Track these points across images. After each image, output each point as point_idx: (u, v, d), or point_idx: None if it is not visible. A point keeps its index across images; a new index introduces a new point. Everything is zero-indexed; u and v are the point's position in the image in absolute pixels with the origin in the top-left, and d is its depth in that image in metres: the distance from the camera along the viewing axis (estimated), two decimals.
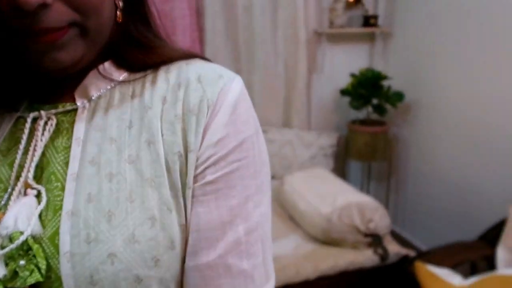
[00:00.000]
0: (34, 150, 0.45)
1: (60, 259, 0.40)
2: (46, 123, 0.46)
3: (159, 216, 0.42)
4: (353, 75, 2.35)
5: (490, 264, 1.54)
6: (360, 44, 2.58)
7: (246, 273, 0.43)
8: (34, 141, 0.45)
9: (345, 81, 2.43)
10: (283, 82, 2.48)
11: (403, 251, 1.72)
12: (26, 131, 0.45)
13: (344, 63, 2.53)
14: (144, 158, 0.43)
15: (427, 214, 2.37)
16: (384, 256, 1.69)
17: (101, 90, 0.47)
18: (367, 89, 2.28)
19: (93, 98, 0.46)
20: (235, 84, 0.46)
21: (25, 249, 0.41)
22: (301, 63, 2.45)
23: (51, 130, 0.45)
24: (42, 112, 0.46)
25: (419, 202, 2.43)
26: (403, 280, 1.54)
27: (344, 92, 2.38)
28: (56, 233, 0.41)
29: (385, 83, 2.31)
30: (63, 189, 0.43)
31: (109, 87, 0.47)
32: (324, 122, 2.60)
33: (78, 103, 0.46)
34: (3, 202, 0.43)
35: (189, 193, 0.43)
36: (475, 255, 1.56)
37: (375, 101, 2.34)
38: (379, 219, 1.73)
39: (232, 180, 0.43)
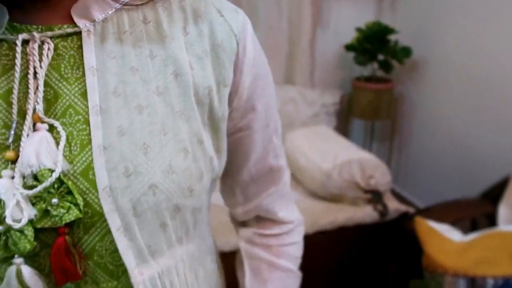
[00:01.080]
0: (36, 78, 0.40)
1: (99, 194, 0.39)
2: (40, 47, 0.40)
3: (190, 148, 0.43)
4: (359, 29, 2.26)
5: (491, 221, 1.52)
6: None
7: (281, 168, 0.55)
8: (31, 68, 0.39)
9: (351, 36, 2.34)
10: (286, 38, 2.39)
11: (403, 208, 1.71)
12: (18, 56, 0.39)
13: (350, 17, 2.43)
14: (172, 91, 0.42)
15: (429, 175, 2.34)
16: (383, 212, 1.68)
17: (106, 12, 0.41)
18: (373, 43, 2.19)
19: (97, 20, 0.41)
20: (245, 16, 0.47)
21: (56, 187, 0.38)
22: (305, 17, 2.36)
23: (50, 55, 0.40)
24: (36, 34, 0.40)
25: (422, 162, 2.40)
26: (402, 236, 1.54)
27: (349, 47, 2.30)
28: (89, 168, 0.40)
29: (392, 38, 2.22)
30: (86, 122, 0.40)
31: (113, 9, 0.42)
32: (327, 79, 2.53)
33: (80, 25, 0.41)
34: (10, 140, 0.39)
35: (223, 125, 0.46)
36: (476, 212, 1.54)
37: (381, 57, 2.26)
38: (380, 175, 1.70)
39: (266, 108, 0.49)
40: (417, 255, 1.41)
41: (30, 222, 0.38)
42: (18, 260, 0.39)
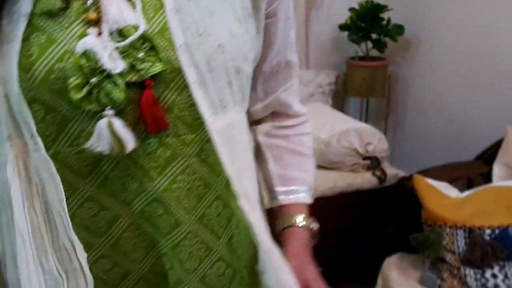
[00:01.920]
0: None
1: (177, 51, 0.43)
2: None
3: (243, 19, 0.49)
4: (352, 9, 2.31)
5: (486, 180, 1.57)
6: None
7: (296, 64, 0.61)
8: None
9: (344, 17, 2.39)
10: None
11: (401, 173, 1.75)
12: None
13: None
14: None
15: (424, 153, 2.39)
16: (382, 178, 1.72)
17: None
18: (367, 22, 2.24)
19: None
20: None
21: (140, 43, 0.42)
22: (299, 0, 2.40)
23: None
24: None
25: (417, 141, 2.45)
26: (400, 197, 1.57)
27: (342, 27, 2.35)
28: (165, 28, 0.44)
29: (385, 16, 2.28)
30: None
31: None
32: (322, 60, 2.58)
33: None
34: (89, 1, 0.43)
35: (263, 5, 0.51)
36: (472, 172, 1.59)
37: (374, 36, 2.31)
38: (377, 142, 1.74)
39: (287, 1, 0.56)
40: (416, 214, 1.44)
41: (120, 75, 0.41)
42: (109, 112, 0.42)
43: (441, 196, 1.42)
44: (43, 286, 0.44)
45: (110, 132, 0.42)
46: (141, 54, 0.42)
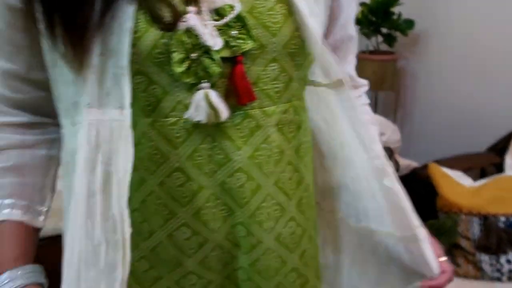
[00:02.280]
0: None
1: (259, 29, 0.47)
2: None
3: None
4: (363, 4, 2.34)
5: (498, 170, 1.60)
6: None
7: (356, 38, 0.66)
8: None
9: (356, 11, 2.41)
10: None
11: (414, 163, 1.78)
12: None
13: None
14: None
15: (434, 145, 2.41)
16: (395, 168, 1.74)
17: None
18: (378, 16, 2.27)
19: None
20: None
21: (234, 21, 0.46)
22: None
23: None
24: None
25: (426, 134, 2.47)
26: (415, 186, 1.60)
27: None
28: (254, 7, 0.48)
29: (396, 10, 2.30)
30: None
31: None
32: None
33: None
34: None
35: None
36: (485, 163, 1.62)
37: (384, 30, 2.34)
38: (390, 133, 1.77)
39: None
40: (429, 204, 1.47)
41: (216, 51, 0.45)
42: (205, 84, 0.46)
43: (456, 184, 1.45)
44: (83, 250, 0.46)
45: (207, 102, 0.46)
46: (234, 32, 0.46)
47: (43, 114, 0.56)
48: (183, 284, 0.53)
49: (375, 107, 2.64)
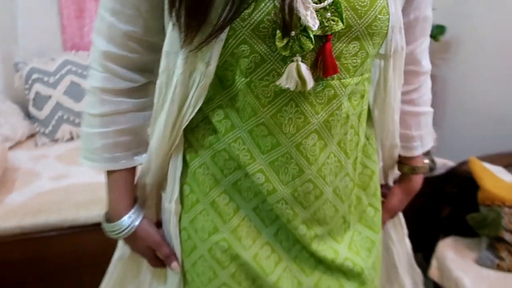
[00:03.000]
0: None
1: (349, 11, 0.53)
2: None
3: None
4: None
5: None
6: None
7: (431, 20, 0.71)
8: None
9: None
10: None
11: (450, 162, 1.78)
12: None
13: None
14: None
15: (464, 149, 2.41)
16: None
17: None
18: None
19: None
20: None
21: (329, 4, 0.52)
22: None
23: None
24: None
25: (458, 137, 2.47)
26: (455, 181, 1.61)
27: None
28: None
29: None
30: None
31: None
32: None
33: None
34: None
35: None
36: None
37: None
38: None
39: None
40: (468, 199, 1.48)
41: (312, 30, 0.51)
42: (298, 58, 0.53)
43: (497, 178, 1.45)
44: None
45: (297, 73, 0.53)
46: (328, 14, 0.52)
47: (149, 74, 0.66)
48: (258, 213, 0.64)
49: None
